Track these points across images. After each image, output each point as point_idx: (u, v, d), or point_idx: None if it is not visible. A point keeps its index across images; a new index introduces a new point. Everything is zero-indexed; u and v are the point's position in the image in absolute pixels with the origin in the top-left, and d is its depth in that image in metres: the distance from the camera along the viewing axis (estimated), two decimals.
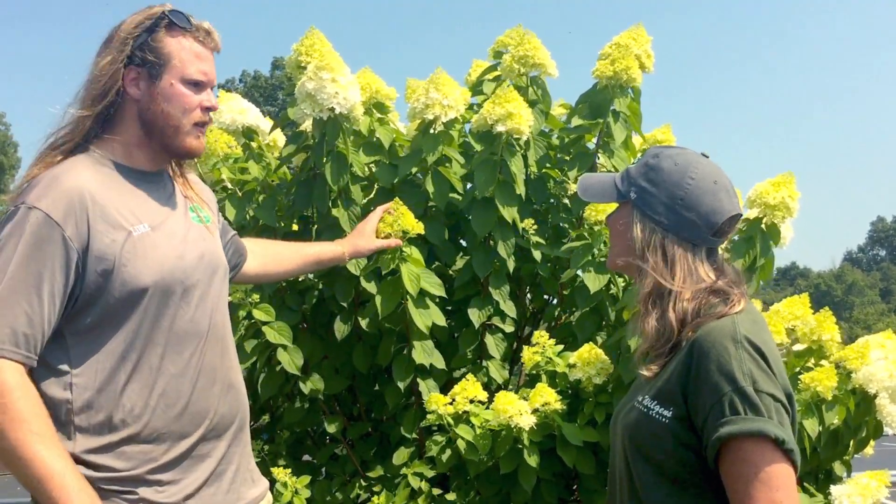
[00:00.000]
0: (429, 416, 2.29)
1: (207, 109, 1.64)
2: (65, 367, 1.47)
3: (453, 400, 2.30)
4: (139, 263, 1.49)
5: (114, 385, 1.48)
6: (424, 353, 2.42)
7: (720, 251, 1.44)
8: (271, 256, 2.07)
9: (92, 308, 1.48)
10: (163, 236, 1.55)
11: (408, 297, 2.33)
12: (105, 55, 1.56)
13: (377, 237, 2.29)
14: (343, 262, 2.26)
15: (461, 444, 2.27)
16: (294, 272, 2.18)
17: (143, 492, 1.48)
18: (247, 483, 1.66)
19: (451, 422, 2.28)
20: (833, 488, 2.18)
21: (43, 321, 1.42)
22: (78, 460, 1.45)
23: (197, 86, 1.61)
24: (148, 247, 1.51)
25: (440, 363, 2.47)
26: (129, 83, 1.57)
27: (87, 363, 1.47)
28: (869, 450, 2.54)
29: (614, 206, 1.50)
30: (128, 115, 1.59)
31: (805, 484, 2.31)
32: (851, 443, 2.35)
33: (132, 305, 1.49)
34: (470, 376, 2.37)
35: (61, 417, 1.46)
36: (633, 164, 1.46)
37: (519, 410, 2.18)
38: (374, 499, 2.37)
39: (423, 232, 2.34)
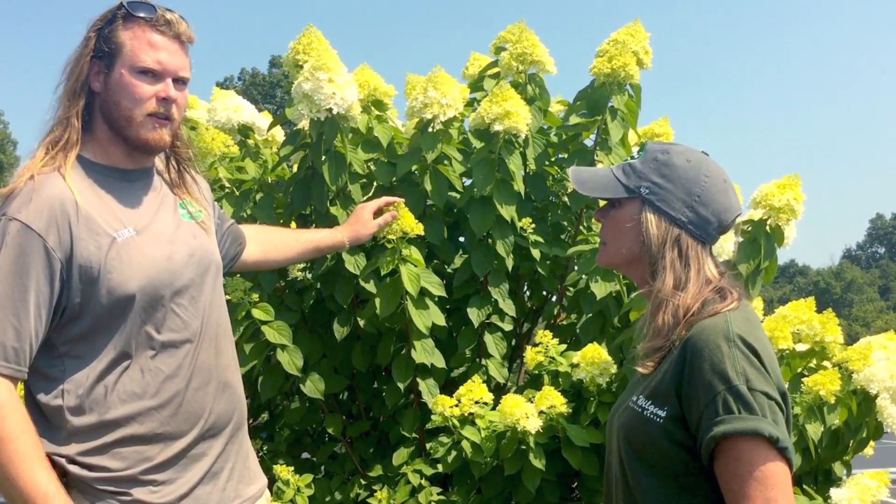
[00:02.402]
0: (434, 418, 2.28)
1: (164, 100, 1.57)
2: (58, 374, 1.46)
3: (459, 401, 2.29)
4: (125, 270, 1.47)
5: (106, 388, 1.47)
6: (425, 353, 2.41)
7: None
8: (272, 243, 2.05)
9: (81, 317, 1.46)
10: (149, 239, 1.53)
11: (407, 297, 2.32)
12: (76, 51, 1.56)
13: (379, 236, 2.29)
14: (343, 249, 2.25)
15: (466, 446, 2.26)
16: (294, 259, 2.16)
17: (137, 492, 1.47)
18: (244, 481, 1.64)
19: (457, 423, 2.28)
20: (833, 491, 2.17)
21: (31, 333, 1.41)
22: (72, 461, 1.45)
23: (150, 75, 1.55)
24: (133, 252, 1.49)
25: (440, 362, 2.46)
26: (94, 78, 1.55)
27: (79, 369, 1.46)
28: (868, 450, 2.54)
29: (603, 202, 1.48)
30: (96, 111, 1.57)
31: (804, 486, 2.31)
32: (851, 443, 2.35)
33: (121, 312, 1.47)
34: (476, 377, 2.36)
35: (55, 421, 1.45)
36: (635, 159, 1.43)
37: (525, 413, 2.17)
38: (377, 494, 2.36)
39: (422, 233, 2.33)
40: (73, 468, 1.45)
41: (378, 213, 2.29)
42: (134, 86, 1.54)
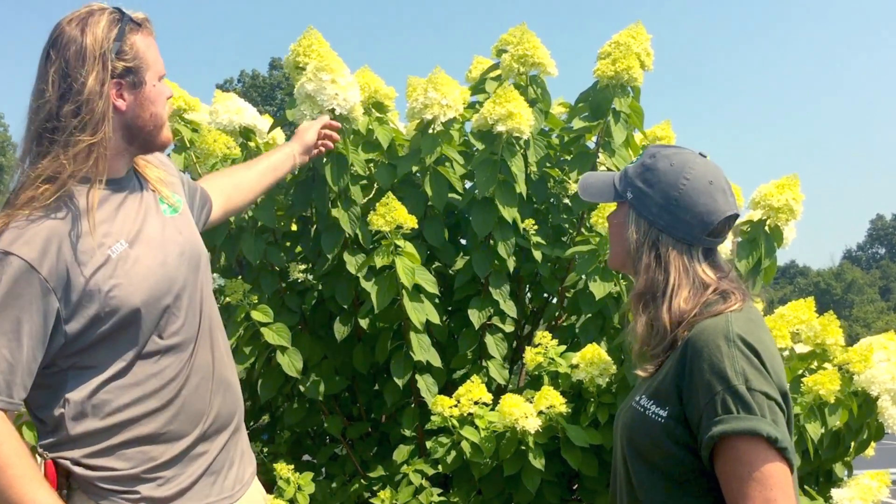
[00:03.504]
0: (433, 419, 2.29)
1: (169, 98, 1.61)
2: (60, 387, 1.46)
3: (458, 402, 2.30)
4: (124, 285, 1.46)
5: (110, 394, 1.47)
6: (422, 349, 2.41)
7: (719, 251, 1.43)
8: (233, 188, 1.99)
9: (85, 335, 1.45)
10: (142, 248, 1.51)
11: (403, 291, 2.33)
12: (84, 75, 1.46)
13: (372, 231, 2.32)
14: (294, 163, 2.18)
15: (466, 446, 2.27)
16: (258, 194, 2.10)
17: (144, 489, 1.48)
18: (243, 465, 1.66)
19: (457, 424, 2.28)
20: (834, 492, 2.17)
21: (23, 366, 1.40)
22: (78, 463, 1.45)
23: (162, 79, 1.58)
24: (129, 265, 1.48)
25: (436, 361, 2.46)
26: (116, 97, 1.51)
27: (82, 379, 1.46)
28: (869, 450, 2.54)
29: (615, 205, 1.50)
30: (112, 128, 1.51)
31: (805, 486, 2.31)
32: (852, 444, 2.35)
33: (126, 326, 1.47)
34: (475, 378, 2.37)
35: (58, 428, 1.45)
36: (632, 163, 1.45)
37: (525, 413, 2.18)
38: (380, 494, 2.37)
39: (416, 226, 2.34)
40: (77, 469, 1.45)
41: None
42: (163, 93, 1.57)
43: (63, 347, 1.45)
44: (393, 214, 2.28)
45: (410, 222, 2.30)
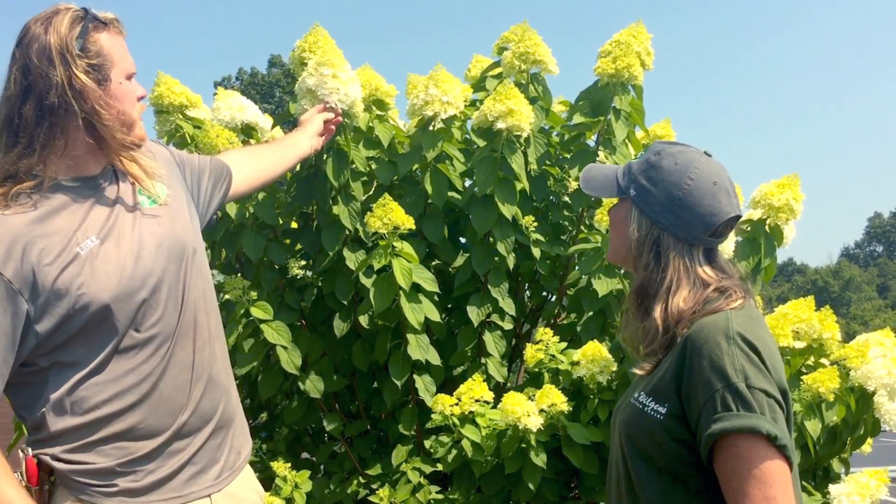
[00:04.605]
0: (434, 417, 2.29)
1: (141, 98, 1.59)
2: (39, 385, 1.46)
3: (459, 400, 2.30)
4: (93, 283, 1.44)
5: (88, 391, 1.46)
6: (419, 349, 2.41)
7: (720, 251, 1.43)
8: (261, 165, 2.00)
9: (58, 334, 1.45)
10: (113, 244, 1.50)
11: (401, 292, 2.33)
12: (45, 72, 1.44)
13: (370, 232, 2.33)
14: (312, 143, 2.19)
15: (466, 445, 2.26)
16: (282, 166, 2.08)
17: (122, 482, 1.48)
18: (229, 461, 1.64)
19: (458, 422, 2.28)
20: (832, 487, 2.17)
21: None
22: (58, 459, 1.46)
23: (131, 77, 1.57)
24: (99, 262, 1.46)
25: (435, 359, 2.46)
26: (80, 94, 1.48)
27: (60, 377, 1.46)
28: (867, 447, 2.55)
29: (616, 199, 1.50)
30: (77, 126, 1.49)
31: (803, 482, 2.31)
32: (849, 440, 2.36)
33: (99, 323, 1.46)
34: (476, 376, 2.37)
35: (40, 426, 1.46)
36: (636, 159, 1.45)
37: (527, 411, 2.17)
38: (378, 492, 2.37)
39: (413, 227, 2.34)
40: (57, 465, 1.46)
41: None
42: (130, 91, 1.55)
43: (38, 346, 1.44)
44: (390, 216, 2.28)
45: (408, 223, 2.30)
